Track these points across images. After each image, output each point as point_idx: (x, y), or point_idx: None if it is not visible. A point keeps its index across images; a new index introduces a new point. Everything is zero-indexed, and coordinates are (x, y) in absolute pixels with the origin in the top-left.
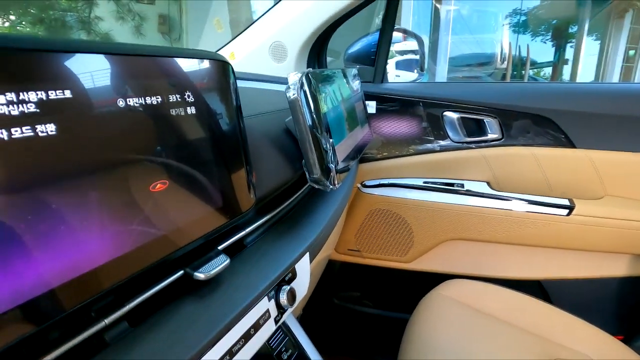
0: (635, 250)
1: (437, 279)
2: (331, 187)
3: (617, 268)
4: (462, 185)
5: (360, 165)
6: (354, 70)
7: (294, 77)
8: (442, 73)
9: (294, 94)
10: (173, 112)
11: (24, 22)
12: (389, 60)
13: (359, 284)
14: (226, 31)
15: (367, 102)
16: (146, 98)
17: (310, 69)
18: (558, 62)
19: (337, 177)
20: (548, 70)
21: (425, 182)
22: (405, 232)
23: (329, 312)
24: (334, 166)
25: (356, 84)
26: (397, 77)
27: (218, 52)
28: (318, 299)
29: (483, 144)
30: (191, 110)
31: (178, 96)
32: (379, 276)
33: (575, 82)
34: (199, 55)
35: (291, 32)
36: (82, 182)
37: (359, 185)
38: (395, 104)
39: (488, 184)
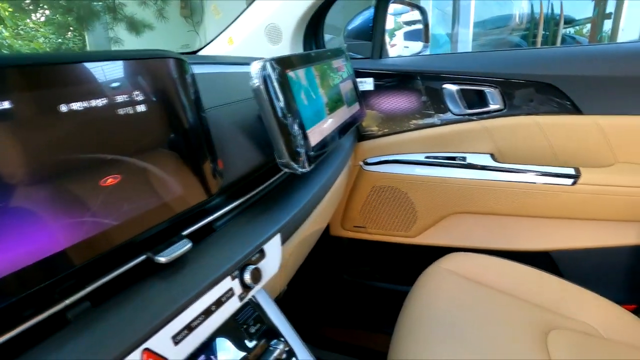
0: None
1: (443, 252)
2: (301, 170)
3: (628, 237)
4: (465, 159)
5: (362, 143)
6: (341, 49)
7: (256, 66)
8: (465, 41)
9: (256, 84)
10: (121, 111)
11: (57, 15)
12: (396, 32)
13: (368, 259)
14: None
15: (364, 79)
16: (92, 101)
17: (274, 57)
18: (597, 17)
19: (309, 160)
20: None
21: (427, 157)
22: (408, 207)
23: (340, 287)
24: (303, 150)
25: (342, 63)
26: (405, 48)
27: (216, 40)
28: (328, 276)
29: (485, 116)
30: (141, 108)
31: (125, 96)
32: (386, 251)
33: (579, 45)
34: (152, 55)
35: (284, 13)
36: (37, 180)
37: (361, 163)
38: (394, 79)
39: (492, 156)
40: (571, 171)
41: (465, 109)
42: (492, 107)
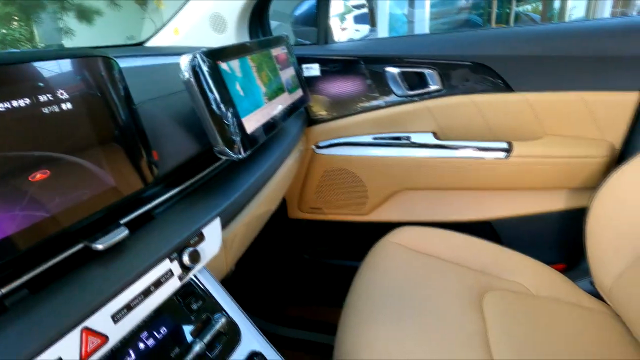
0: (573, 184)
1: (394, 227)
2: (237, 156)
3: (557, 203)
4: (409, 138)
5: (312, 127)
6: (282, 37)
7: (185, 60)
8: (421, 20)
9: (186, 76)
10: (47, 110)
11: None
12: (347, 16)
13: (326, 239)
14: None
15: (310, 65)
16: (17, 101)
17: (205, 49)
18: None
19: (244, 147)
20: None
21: (374, 138)
22: (359, 187)
23: (301, 267)
24: (238, 138)
25: (282, 51)
26: (356, 31)
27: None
28: (289, 257)
29: (426, 96)
30: (67, 105)
31: (51, 95)
32: (342, 229)
33: (509, 27)
34: (77, 54)
35: (227, 2)
36: None
37: (313, 147)
38: (339, 65)
39: (434, 134)
40: (505, 145)
41: (407, 91)
42: (432, 87)
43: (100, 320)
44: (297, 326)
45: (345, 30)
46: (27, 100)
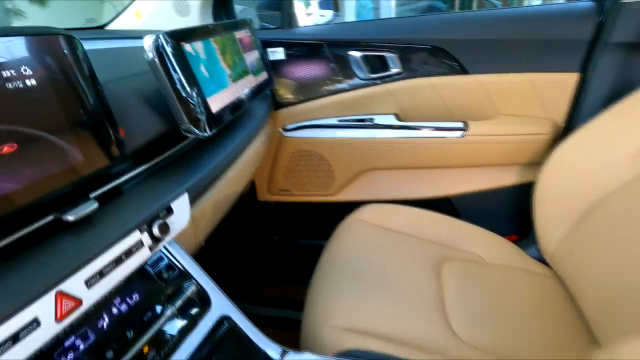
0: (523, 160)
1: (360, 206)
2: (203, 134)
3: (509, 178)
4: (372, 120)
5: (279, 111)
6: (246, 21)
7: (148, 41)
8: (387, 9)
9: (150, 56)
10: (9, 85)
11: None
12: (311, 1)
13: (295, 220)
14: None
15: (275, 49)
16: None
17: (168, 30)
18: None
19: (209, 125)
20: None
21: (339, 121)
22: (326, 168)
23: (272, 248)
24: (204, 117)
25: (246, 34)
26: (322, 16)
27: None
28: (260, 239)
29: (387, 79)
30: (31, 82)
31: (14, 71)
32: (311, 210)
33: (463, 12)
34: (40, 32)
35: None
36: None
37: (281, 130)
38: (304, 49)
39: (395, 116)
40: (461, 125)
41: (369, 74)
42: (393, 71)
43: (74, 285)
44: (270, 305)
45: (310, 15)
46: None
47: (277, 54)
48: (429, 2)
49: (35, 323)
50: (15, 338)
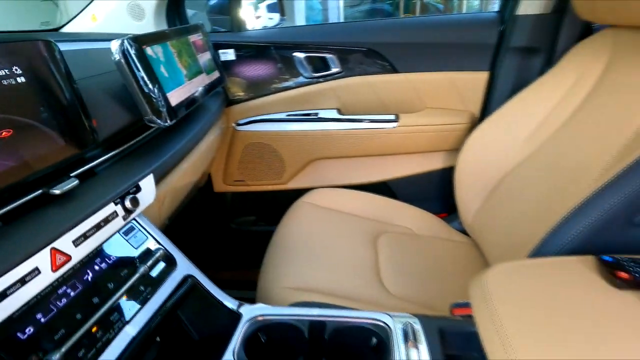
0: (447, 147)
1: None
2: (164, 124)
3: (436, 163)
4: (317, 114)
5: (232, 107)
6: (198, 25)
7: (115, 44)
8: (335, 11)
9: (117, 58)
10: (5, 82)
11: None
12: (260, 5)
13: (252, 208)
14: None
15: (226, 50)
16: None
17: (131, 35)
18: None
19: (170, 116)
20: None
21: (288, 115)
22: (277, 159)
23: (229, 236)
24: (165, 109)
25: (198, 38)
26: (270, 19)
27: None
28: (218, 227)
29: (329, 78)
30: (21, 79)
31: (6, 70)
32: (265, 199)
33: (394, 18)
34: (24, 38)
35: None
36: None
37: (234, 125)
38: (253, 50)
39: (338, 110)
40: (393, 117)
41: (312, 73)
42: (334, 70)
43: (64, 243)
44: (228, 287)
45: (259, 18)
46: None
47: (228, 55)
48: (375, 4)
49: (36, 271)
50: (22, 281)
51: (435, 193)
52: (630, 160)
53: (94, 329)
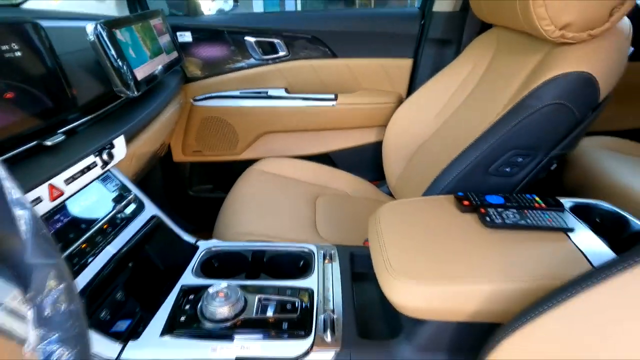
0: (379, 122)
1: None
2: (132, 94)
3: (370, 137)
4: (267, 92)
5: (189, 84)
6: (158, 11)
7: (90, 27)
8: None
9: (92, 39)
10: (7, 55)
11: None
12: None
13: (209, 178)
14: None
15: (184, 33)
16: None
17: (102, 20)
18: None
19: (137, 87)
20: None
21: (241, 92)
22: (231, 132)
23: (187, 202)
24: (132, 82)
25: (158, 22)
26: (225, 2)
27: None
28: (175, 193)
29: (277, 60)
30: (18, 53)
31: (7, 46)
32: (221, 168)
33: (335, 9)
34: (19, 21)
35: None
36: None
37: (192, 100)
38: (208, 33)
39: (285, 89)
40: (332, 96)
41: (262, 56)
42: (281, 54)
43: (58, 181)
44: None
45: (215, 1)
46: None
47: (185, 37)
48: None
49: (39, 199)
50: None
51: (369, 162)
52: (488, 127)
53: (83, 246)
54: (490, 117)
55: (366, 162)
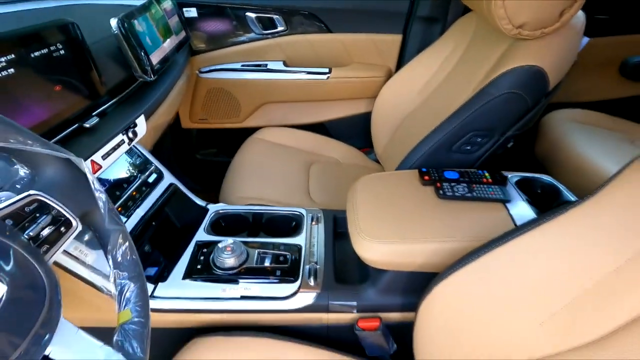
0: (370, 94)
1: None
2: (149, 79)
3: (361, 107)
4: (267, 65)
5: (195, 57)
6: None
7: (114, 22)
8: None
9: (115, 31)
10: (55, 54)
11: None
12: None
13: (214, 143)
14: None
15: (189, 9)
16: (36, 52)
17: (123, 13)
18: None
19: (153, 72)
20: None
21: (242, 65)
22: (234, 102)
23: (194, 164)
24: (149, 68)
25: (167, 5)
26: None
27: None
28: (185, 158)
29: (276, 35)
30: (61, 52)
31: (52, 47)
32: (224, 134)
33: None
34: (59, 23)
35: None
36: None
37: (197, 72)
38: (212, 9)
39: (284, 62)
40: (327, 70)
41: (262, 30)
42: (280, 29)
43: (97, 157)
44: None
45: None
46: (45, 50)
47: (191, 12)
48: None
49: (88, 169)
50: None
51: (359, 132)
52: (455, 110)
53: (118, 209)
54: (460, 99)
55: (357, 131)
